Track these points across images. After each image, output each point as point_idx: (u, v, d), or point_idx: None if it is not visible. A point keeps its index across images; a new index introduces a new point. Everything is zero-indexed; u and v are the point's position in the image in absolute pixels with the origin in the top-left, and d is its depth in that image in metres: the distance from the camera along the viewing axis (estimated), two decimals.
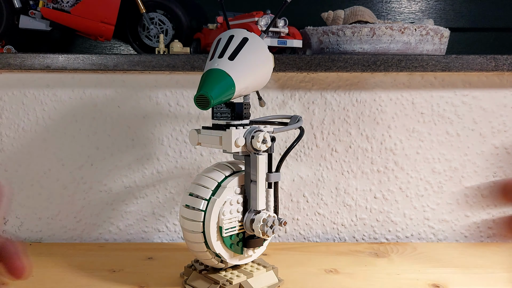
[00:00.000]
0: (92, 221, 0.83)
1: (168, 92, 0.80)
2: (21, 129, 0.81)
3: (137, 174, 0.82)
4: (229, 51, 0.54)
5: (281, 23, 0.76)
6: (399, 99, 0.81)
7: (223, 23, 0.80)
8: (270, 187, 0.59)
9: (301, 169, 0.82)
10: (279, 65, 0.75)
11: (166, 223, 0.84)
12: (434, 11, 0.93)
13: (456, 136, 0.81)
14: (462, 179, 0.83)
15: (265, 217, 0.57)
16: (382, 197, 0.83)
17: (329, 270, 0.68)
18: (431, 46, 0.76)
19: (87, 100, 0.80)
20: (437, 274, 0.67)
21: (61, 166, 0.82)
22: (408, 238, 0.84)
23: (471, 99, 0.81)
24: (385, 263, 0.71)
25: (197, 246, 0.58)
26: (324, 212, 0.83)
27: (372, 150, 0.82)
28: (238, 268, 0.62)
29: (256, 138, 0.55)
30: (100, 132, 0.81)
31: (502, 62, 0.76)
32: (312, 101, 0.81)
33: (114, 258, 0.73)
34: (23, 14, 0.79)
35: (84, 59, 0.76)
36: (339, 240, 0.84)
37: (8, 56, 0.75)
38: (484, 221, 0.84)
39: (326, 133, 0.81)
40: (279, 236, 0.84)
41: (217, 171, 0.59)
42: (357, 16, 0.78)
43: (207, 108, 0.51)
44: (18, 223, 0.83)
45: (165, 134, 0.81)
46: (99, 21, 0.78)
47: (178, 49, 0.80)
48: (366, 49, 0.75)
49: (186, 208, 0.58)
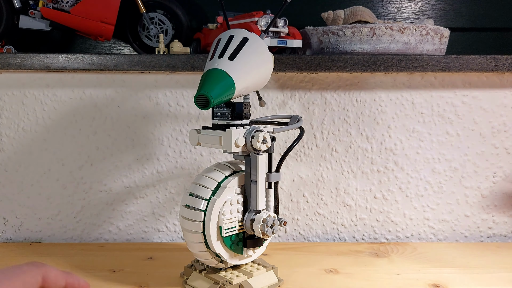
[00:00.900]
0: (92, 221, 0.83)
1: (168, 92, 0.80)
2: (21, 129, 0.81)
3: (137, 174, 0.82)
4: (229, 51, 0.54)
5: (281, 23, 0.76)
6: (399, 99, 0.81)
7: (223, 23, 0.80)
8: (270, 187, 0.59)
9: (301, 169, 0.82)
10: (279, 65, 0.75)
11: (166, 223, 0.84)
12: (434, 11, 0.93)
13: (456, 136, 0.81)
14: (462, 179, 0.83)
15: (265, 217, 0.57)
16: (382, 197, 0.83)
17: (329, 270, 0.68)
18: (431, 46, 0.76)
19: (87, 100, 0.80)
20: (437, 274, 0.67)
21: (61, 166, 0.82)
22: (408, 238, 0.84)
23: (471, 99, 0.81)
24: (385, 263, 0.71)
25: (197, 246, 0.58)
26: (324, 212, 0.83)
27: (372, 150, 0.82)
28: (238, 268, 0.62)
29: (256, 138, 0.55)
30: (100, 132, 0.81)
31: (502, 62, 0.76)
32: (312, 101, 0.81)
33: (114, 258, 0.73)
34: (23, 14, 0.79)
35: (84, 59, 0.76)
36: (339, 240, 0.84)
37: (8, 56, 0.75)
38: (484, 221, 0.84)
39: (326, 133, 0.81)
40: (279, 236, 0.84)
41: (217, 171, 0.59)
42: (357, 16, 0.78)
43: (207, 108, 0.52)
44: (18, 223, 0.83)
45: (165, 134, 0.81)
46: (99, 21, 0.78)
47: (178, 49, 0.80)
48: (366, 49, 0.75)
49: (186, 208, 0.58)
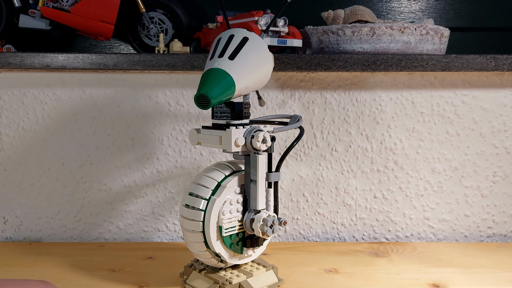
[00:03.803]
0: (92, 221, 0.83)
1: (168, 91, 0.80)
2: (21, 128, 0.81)
3: (137, 174, 0.82)
4: (229, 50, 0.54)
5: (281, 23, 0.76)
6: (399, 99, 0.81)
7: (223, 22, 0.80)
8: (270, 187, 0.59)
9: (301, 168, 0.82)
10: (279, 65, 0.75)
11: (166, 223, 0.84)
12: (434, 10, 0.93)
13: (456, 135, 0.81)
14: (462, 178, 0.83)
15: (265, 217, 0.57)
16: (382, 196, 0.83)
17: (329, 270, 0.68)
18: (431, 46, 0.76)
19: (87, 100, 0.80)
20: (437, 274, 0.67)
21: (61, 166, 0.82)
22: (408, 238, 0.84)
23: (471, 98, 0.81)
24: (385, 263, 0.71)
25: (197, 246, 0.58)
26: (324, 212, 0.83)
27: (372, 150, 0.82)
28: (238, 268, 0.62)
29: (256, 138, 0.55)
30: (100, 132, 0.81)
31: (502, 62, 0.76)
32: (312, 101, 0.81)
33: (113, 258, 0.73)
34: (23, 13, 0.79)
35: (84, 59, 0.76)
36: (339, 240, 0.84)
37: (8, 55, 0.75)
38: (484, 221, 0.84)
39: (326, 132, 0.81)
40: (279, 236, 0.84)
41: (217, 171, 0.59)
42: (357, 15, 0.78)
43: (207, 108, 0.51)
44: (18, 223, 0.83)
45: (165, 134, 0.81)
46: (99, 20, 0.78)
47: (178, 48, 0.80)
48: (366, 48, 0.75)
49: (186, 207, 0.58)
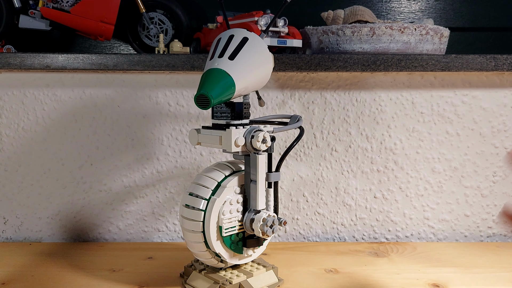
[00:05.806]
0: (92, 221, 0.83)
1: (168, 91, 0.80)
2: (21, 128, 0.81)
3: (137, 174, 0.82)
4: (229, 50, 0.54)
5: (281, 23, 0.76)
6: (399, 99, 0.81)
7: (223, 22, 0.80)
8: (270, 187, 0.59)
9: (301, 168, 0.82)
10: (279, 65, 0.75)
11: (166, 223, 0.84)
12: (434, 10, 0.93)
13: (456, 135, 0.81)
14: (462, 178, 0.83)
15: (265, 217, 0.57)
16: (382, 196, 0.83)
17: (329, 270, 0.68)
18: (431, 46, 0.76)
19: (87, 100, 0.80)
20: (437, 274, 0.67)
21: (61, 166, 0.82)
22: (408, 238, 0.84)
23: (471, 98, 0.81)
24: (385, 262, 0.71)
25: (197, 246, 0.58)
26: (324, 212, 0.83)
27: (372, 150, 0.82)
28: (238, 268, 0.62)
29: (256, 138, 0.55)
30: (100, 132, 0.81)
31: (502, 62, 0.76)
32: (312, 101, 0.81)
33: (113, 258, 0.73)
34: (23, 13, 0.79)
35: (84, 59, 0.76)
36: (339, 240, 0.84)
37: (8, 56, 0.75)
38: (484, 221, 0.84)
39: (326, 132, 0.81)
40: (279, 236, 0.84)
41: (217, 171, 0.59)
42: (357, 15, 0.78)
43: (207, 108, 0.51)
44: (18, 223, 0.83)
45: (165, 134, 0.81)
46: (99, 20, 0.78)
47: (178, 48, 0.80)
48: (366, 48, 0.75)
49: (186, 207, 0.58)
